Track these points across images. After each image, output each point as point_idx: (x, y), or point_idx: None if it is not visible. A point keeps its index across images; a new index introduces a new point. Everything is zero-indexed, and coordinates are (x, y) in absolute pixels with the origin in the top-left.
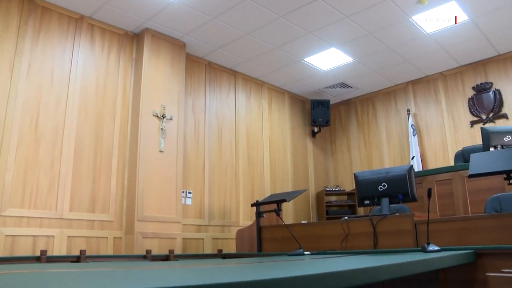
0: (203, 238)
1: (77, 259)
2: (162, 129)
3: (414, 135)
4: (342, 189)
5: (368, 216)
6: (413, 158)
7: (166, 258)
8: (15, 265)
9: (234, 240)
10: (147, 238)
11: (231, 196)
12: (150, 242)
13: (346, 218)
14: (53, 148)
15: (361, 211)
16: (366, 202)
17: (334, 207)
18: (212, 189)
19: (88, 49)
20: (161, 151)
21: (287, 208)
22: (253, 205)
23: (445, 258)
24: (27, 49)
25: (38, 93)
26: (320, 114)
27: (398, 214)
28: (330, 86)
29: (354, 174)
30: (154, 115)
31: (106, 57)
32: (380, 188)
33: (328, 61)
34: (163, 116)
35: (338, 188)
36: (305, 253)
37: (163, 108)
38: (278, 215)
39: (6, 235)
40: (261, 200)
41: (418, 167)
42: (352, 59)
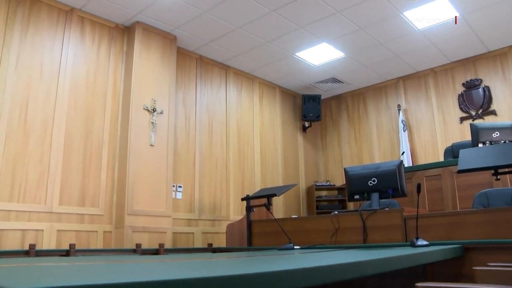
0: (193, 232)
1: (66, 253)
2: (152, 122)
3: (404, 131)
4: (332, 184)
5: (358, 211)
6: (403, 153)
7: (156, 252)
8: (3, 259)
9: (224, 234)
10: (137, 232)
11: (222, 190)
12: (140, 236)
13: (336, 212)
14: (42, 141)
15: (351, 206)
16: (356, 197)
17: (324, 202)
18: (202, 183)
19: (78, 41)
20: (151, 145)
21: (278, 202)
22: (243, 199)
23: (433, 253)
24: (16, 41)
25: (27, 85)
26: (311, 109)
27: (387, 209)
28: (321, 81)
29: (344, 169)
30: (144, 109)
31: (97, 50)
32: (370, 183)
33: (319, 56)
34: (154, 109)
35: (328, 183)
36: (295, 247)
37: (154, 101)
38: (268, 210)
39: None
40: (251, 194)
41: (408, 163)
42: (343, 54)
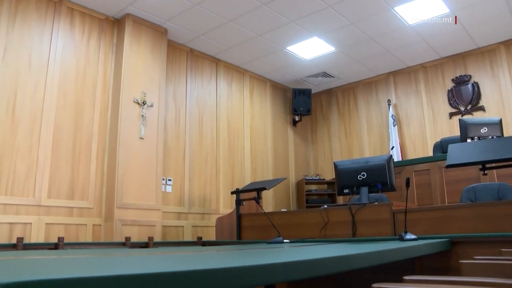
0: (183, 226)
1: (55, 247)
2: (142, 115)
3: (394, 126)
4: (322, 178)
5: (347, 205)
6: (392, 148)
7: (145, 245)
8: None
9: (214, 227)
10: (127, 225)
11: (211, 184)
12: (130, 229)
13: (326, 206)
14: (31, 134)
15: (340, 200)
16: (346, 191)
17: (314, 196)
18: (192, 176)
19: (67, 33)
20: (141, 138)
21: (267, 196)
22: (233, 193)
23: (421, 246)
24: (3, 32)
25: (15, 77)
26: (301, 103)
27: (376, 203)
28: (312, 75)
29: (334, 163)
30: (134, 102)
31: (86, 42)
32: (359, 177)
33: (310, 50)
34: (144, 102)
35: (318, 177)
36: (284, 241)
37: (144, 94)
38: (258, 203)
39: None
40: (241, 188)
41: (397, 157)
42: (334, 49)
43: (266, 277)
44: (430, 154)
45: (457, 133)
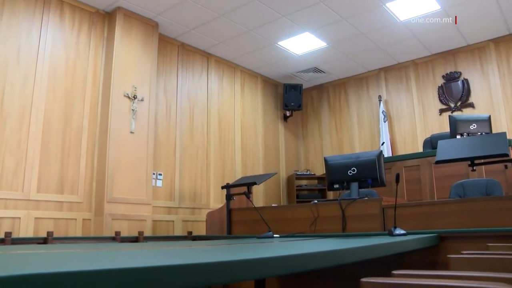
0: (173, 220)
1: (44, 241)
2: (133, 110)
3: (384, 121)
4: (312, 173)
5: (337, 200)
6: (383, 144)
7: (135, 239)
8: None
9: (204, 222)
10: (117, 219)
11: (202, 178)
12: (120, 224)
13: (316, 201)
14: (19, 127)
15: (331, 195)
16: (336, 186)
17: (305, 191)
18: (183, 171)
19: (57, 26)
20: (131, 132)
21: (258, 191)
22: (223, 187)
23: (410, 242)
24: None
25: (3, 70)
26: (292, 98)
27: (366, 198)
28: (303, 71)
29: (325, 158)
30: (125, 96)
31: (76, 35)
32: (349, 172)
33: (301, 45)
34: (134, 97)
35: (308, 172)
36: (274, 235)
37: (135, 88)
38: (248, 198)
39: None
40: (231, 182)
41: (388, 153)
42: (325, 44)
43: (256, 271)
44: (420, 150)
45: (447, 129)
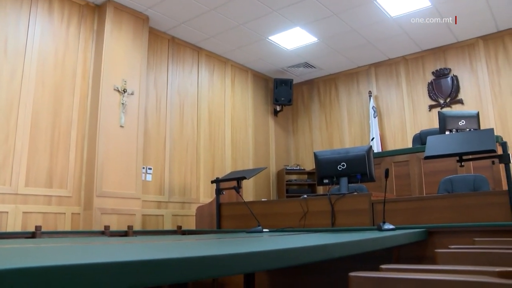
0: (163, 215)
1: (32, 235)
2: (123, 103)
3: (374, 117)
4: (302, 168)
5: (326, 195)
6: (373, 139)
7: (124, 234)
8: None
9: (194, 217)
10: (106, 214)
11: (192, 173)
12: (109, 218)
13: (305, 196)
14: (7, 121)
15: (320, 190)
16: (326, 181)
17: (294, 186)
18: (172, 165)
19: (46, 19)
20: (121, 126)
21: (248, 186)
22: (213, 182)
23: (399, 236)
24: None
25: None
26: (282, 93)
27: (356, 193)
28: (293, 66)
29: (314, 153)
30: (115, 89)
31: (66, 28)
32: (339, 167)
33: (292, 40)
34: (124, 90)
35: (298, 167)
36: (264, 230)
37: (124, 82)
38: (238, 192)
39: None
40: (221, 177)
41: (377, 148)
42: (316, 39)
43: (245, 265)
44: (410, 145)
45: (436, 125)
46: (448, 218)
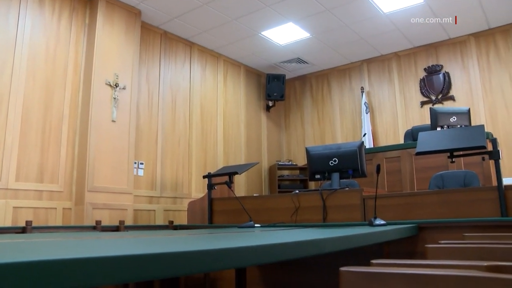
0: (155, 210)
1: (22, 230)
2: (114, 98)
3: (366, 113)
4: (294, 163)
5: (318, 190)
6: (365, 135)
7: (116, 229)
8: None
9: (186, 212)
10: (98, 209)
11: (184, 168)
12: (101, 213)
13: (297, 192)
14: None
15: (312, 186)
16: (317, 176)
17: (286, 181)
18: (164, 160)
19: (36, 12)
20: (113, 121)
21: (240, 181)
22: (205, 177)
23: (390, 232)
24: None
25: None
26: (275, 89)
27: (347, 189)
28: (286, 61)
29: (306, 149)
30: (106, 84)
31: (57, 21)
32: (331, 163)
33: (285, 35)
34: (116, 85)
35: (290, 162)
36: (255, 225)
37: (116, 77)
38: (230, 188)
39: None
40: (213, 172)
41: (369, 144)
42: (309, 35)
43: (236, 260)
44: (401, 141)
45: (428, 121)
46: (438, 214)
